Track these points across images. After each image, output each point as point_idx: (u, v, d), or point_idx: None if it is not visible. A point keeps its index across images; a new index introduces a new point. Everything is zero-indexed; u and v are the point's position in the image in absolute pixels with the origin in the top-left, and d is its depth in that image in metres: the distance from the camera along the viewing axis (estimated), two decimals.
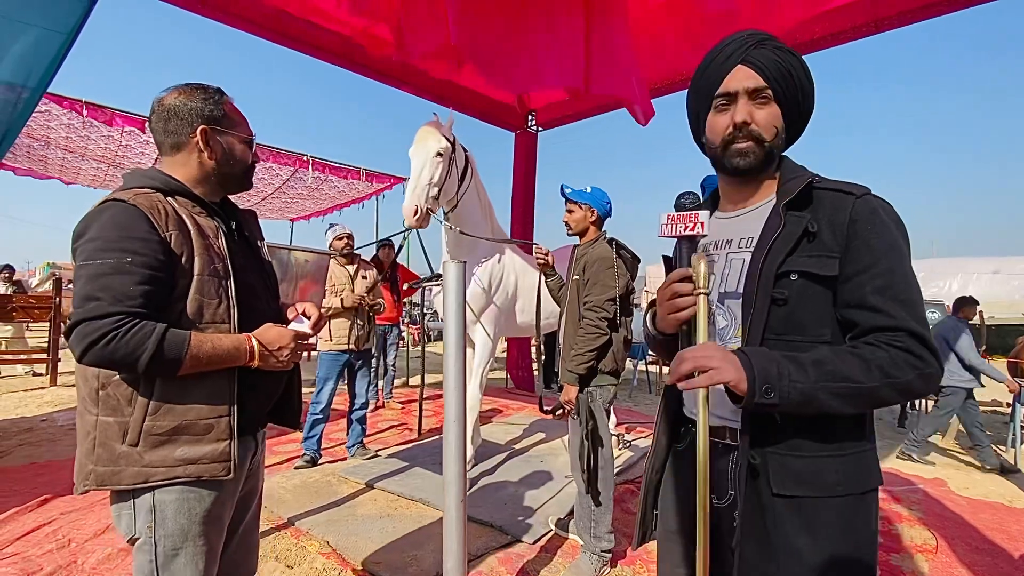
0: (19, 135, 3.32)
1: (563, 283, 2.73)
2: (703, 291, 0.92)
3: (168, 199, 1.17)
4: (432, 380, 6.56)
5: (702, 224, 0.96)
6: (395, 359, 6.10)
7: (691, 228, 0.97)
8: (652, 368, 8.76)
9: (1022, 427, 4.62)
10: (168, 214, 1.13)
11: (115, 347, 1.02)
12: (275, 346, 1.21)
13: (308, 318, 1.35)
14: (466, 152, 3.37)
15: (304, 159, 7.49)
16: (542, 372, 3.70)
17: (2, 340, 7.37)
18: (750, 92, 0.96)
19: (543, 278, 2.92)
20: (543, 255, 2.79)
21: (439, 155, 3.05)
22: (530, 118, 7.02)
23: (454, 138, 3.21)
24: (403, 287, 5.87)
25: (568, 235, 2.63)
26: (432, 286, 3.84)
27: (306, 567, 2.35)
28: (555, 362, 2.66)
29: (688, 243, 0.99)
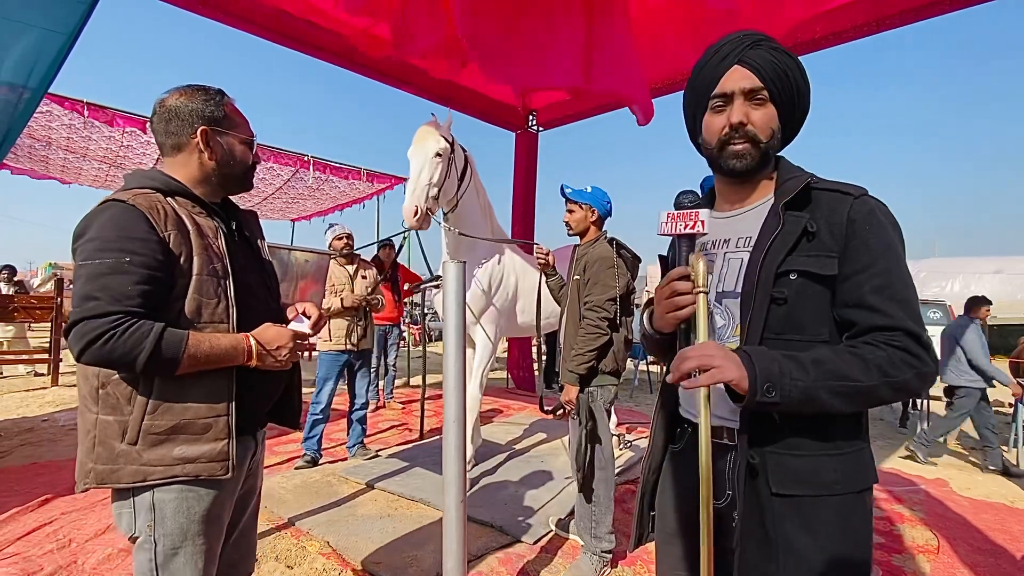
0: (20, 135, 3.33)
1: (564, 283, 2.72)
2: (702, 290, 0.91)
3: (168, 199, 1.17)
4: (433, 380, 6.56)
5: (702, 223, 0.96)
6: (396, 359, 6.10)
7: (691, 226, 0.97)
8: (653, 368, 8.75)
9: None
10: (167, 214, 1.13)
11: (113, 346, 1.03)
12: (273, 346, 1.22)
13: (308, 318, 1.36)
14: (465, 152, 3.36)
15: (305, 159, 7.50)
16: (543, 372, 3.69)
17: (4, 340, 7.39)
18: (746, 93, 0.96)
19: (544, 278, 2.92)
20: (544, 255, 2.79)
21: (438, 155, 3.05)
22: (531, 118, 7.02)
23: (453, 138, 3.20)
24: (403, 287, 5.87)
25: (568, 235, 2.63)
26: (432, 287, 3.84)
27: (306, 567, 2.34)
28: (556, 362, 2.65)
29: (687, 241, 0.99)
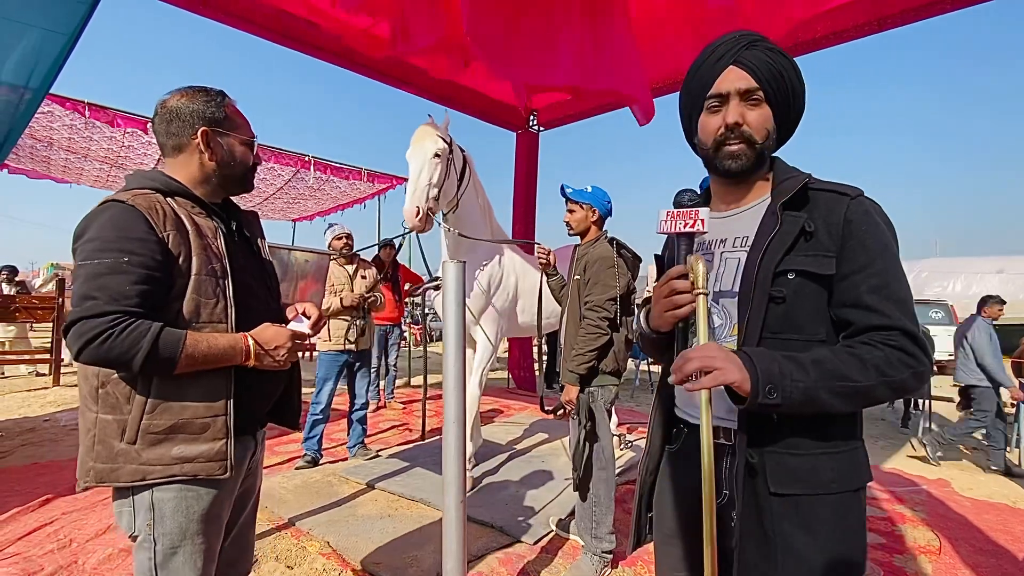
0: (22, 136, 3.34)
1: (565, 283, 2.72)
2: (703, 292, 0.91)
3: (168, 200, 1.17)
4: (434, 380, 6.56)
5: (702, 221, 0.95)
6: (397, 359, 6.10)
7: (691, 225, 0.96)
8: (654, 368, 8.74)
9: None
10: (166, 214, 1.14)
11: (110, 346, 1.03)
12: (271, 346, 1.22)
13: (308, 318, 1.36)
14: (463, 152, 3.35)
15: (306, 159, 7.49)
16: (544, 372, 3.69)
17: (6, 340, 7.40)
18: (742, 93, 0.96)
19: (545, 278, 2.91)
20: (545, 255, 2.78)
21: (437, 156, 3.04)
22: (531, 118, 7.02)
23: (451, 139, 3.20)
24: (404, 287, 5.86)
25: (569, 235, 2.63)
26: (433, 288, 3.83)
27: (306, 567, 2.34)
28: (557, 362, 2.65)
29: (686, 240, 0.98)
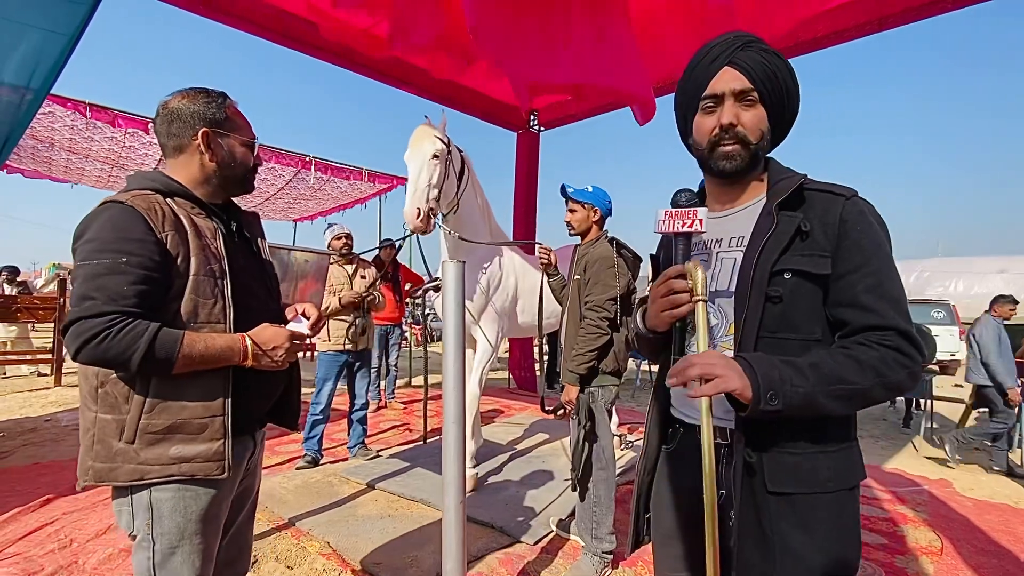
0: (23, 136, 3.35)
1: (565, 283, 2.71)
2: (702, 298, 0.92)
3: (167, 200, 1.17)
4: (434, 380, 6.56)
5: (700, 221, 0.95)
6: (397, 359, 6.10)
7: (689, 224, 0.96)
8: (655, 368, 8.71)
9: None
10: (165, 215, 1.14)
11: (108, 346, 1.03)
12: (269, 346, 1.21)
13: (307, 318, 1.36)
14: (461, 153, 3.35)
15: (307, 160, 7.50)
16: (544, 372, 3.68)
17: (7, 340, 7.43)
18: (736, 94, 0.97)
19: (546, 278, 2.91)
20: (546, 255, 2.78)
21: (435, 157, 3.04)
22: (532, 118, 7.02)
23: (448, 139, 3.20)
24: (404, 287, 5.86)
25: (570, 235, 2.62)
26: (433, 289, 3.83)
27: (306, 567, 2.34)
28: (557, 362, 2.65)
29: (684, 240, 0.98)
